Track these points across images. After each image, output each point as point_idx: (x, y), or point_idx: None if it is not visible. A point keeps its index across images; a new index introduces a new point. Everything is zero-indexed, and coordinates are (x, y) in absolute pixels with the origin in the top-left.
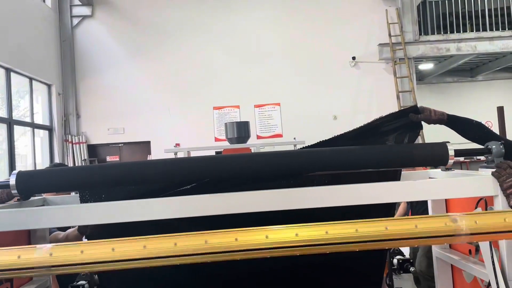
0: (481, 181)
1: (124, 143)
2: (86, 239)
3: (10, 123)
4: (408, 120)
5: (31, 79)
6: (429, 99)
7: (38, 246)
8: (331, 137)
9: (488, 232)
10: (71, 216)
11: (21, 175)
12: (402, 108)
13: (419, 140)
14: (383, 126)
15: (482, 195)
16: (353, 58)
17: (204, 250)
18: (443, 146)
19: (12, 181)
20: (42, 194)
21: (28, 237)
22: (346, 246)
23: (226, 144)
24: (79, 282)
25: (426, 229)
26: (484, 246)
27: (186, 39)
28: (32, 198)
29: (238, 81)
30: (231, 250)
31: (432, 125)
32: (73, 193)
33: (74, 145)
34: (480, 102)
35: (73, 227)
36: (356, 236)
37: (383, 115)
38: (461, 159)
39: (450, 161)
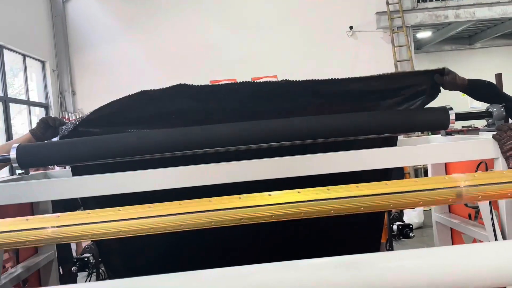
0: (482, 144)
1: None
2: None
3: (6, 101)
4: (428, 83)
5: (24, 56)
6: (428, 68)
7: (41, 216)
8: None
9: (487, 194)
10: (72, 189)
11: (21, 149)
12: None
13: None
14: (402, 82)
15: (482, 158)
16: (351, 27)
17: (208, 208)
18: (444, 110)
19: (13, 154)
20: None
21: (31, 211)
22: (347, 202)
23: None
24: (84, 255)
25: (426, 191)
26: (484, 208)
27: (180, 11)
28: (32, 172)
29: (234, 54)
30: (235, 207)
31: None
32: (68, 168)
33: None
34: (478, 70)
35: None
36: (356, 194)
37: (407, 71)
38: (464, 128)
39: (451, 125)
